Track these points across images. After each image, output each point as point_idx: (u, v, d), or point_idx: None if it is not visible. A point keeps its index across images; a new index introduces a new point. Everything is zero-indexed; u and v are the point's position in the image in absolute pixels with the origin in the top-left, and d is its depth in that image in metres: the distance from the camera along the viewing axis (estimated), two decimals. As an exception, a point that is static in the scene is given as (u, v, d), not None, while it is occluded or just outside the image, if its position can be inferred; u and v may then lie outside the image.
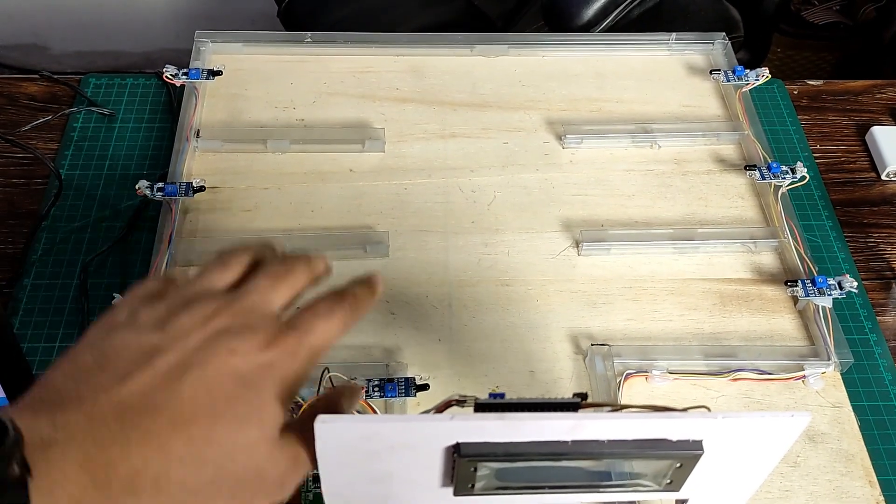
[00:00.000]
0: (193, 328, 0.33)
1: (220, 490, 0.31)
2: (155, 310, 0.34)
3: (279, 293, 0.36)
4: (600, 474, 0.35)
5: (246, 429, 0.31)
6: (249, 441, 0.31)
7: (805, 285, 0.57)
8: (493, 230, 0.61)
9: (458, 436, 0.32)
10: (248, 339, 0.33)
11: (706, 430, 0.33)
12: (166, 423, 0.30)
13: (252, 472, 0.32)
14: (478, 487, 0.34)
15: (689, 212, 0.63)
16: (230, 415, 0.31)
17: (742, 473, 0.36)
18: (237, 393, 0.31)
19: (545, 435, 0.32)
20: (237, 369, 0.32)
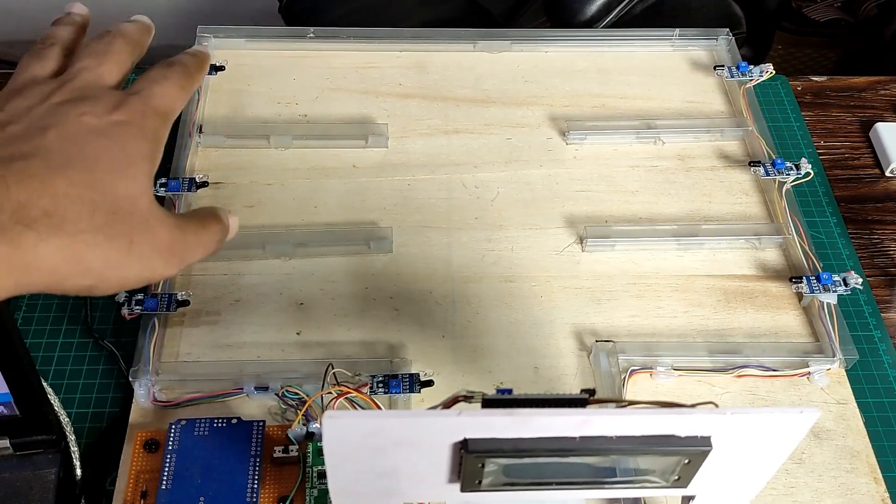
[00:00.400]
0: (33, 106, 0.34)
1: (117, 234, 0.32)
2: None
3: (108, 69, 0.38)
4: (608, 470, 0.35)
5: (123, 178, 0.33)
6: (129, 191, 0.33)
7: (810, 282, 0.57)
8: (497, 226, 0.61)
9: (466, 432, 0.32)
10: (94, 103, 0.35)
11: (715, 426, 0.33)
12: (41, 165, 0.31)
13: (142, 224, 0.33)
14: (485, 483, 0.34)
15: (693, 208, 0.63)
16: (103, 163, 0.32)
17: (750, 469, 0.36)
18: (102, 145, 0.33)
19: (553, 431, 0.32)
20: (95, 126, 0.33)
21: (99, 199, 0.32)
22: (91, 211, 0.31)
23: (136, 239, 0.33)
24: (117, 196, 0.32)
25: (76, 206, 0.31)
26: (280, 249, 0.58)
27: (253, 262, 0.58)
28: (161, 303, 0.54)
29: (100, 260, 0.32)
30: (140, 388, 0.51)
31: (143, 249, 0.33)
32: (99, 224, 0.31)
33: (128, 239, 0.33)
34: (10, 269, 0.29)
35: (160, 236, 0.34)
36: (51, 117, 0.33)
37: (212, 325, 0.55)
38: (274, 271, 0.58)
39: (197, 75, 0.41)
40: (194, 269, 0.58)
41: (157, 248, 0.34)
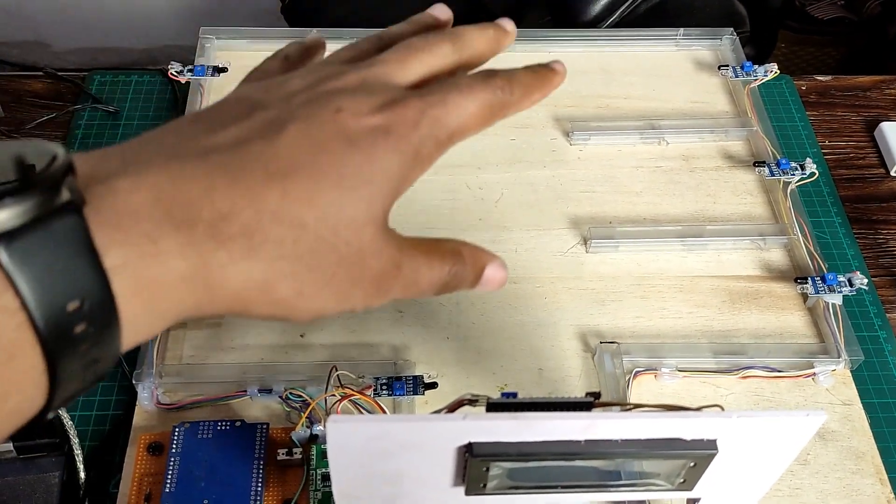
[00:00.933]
0: (302, 89, 0.29)
1: (320, 264, 0.27)
2: (268, 78, 0.32)
3: (410, 67, 0.31)
4: (612, 474, 0.35)
5: (352, 199, 0.27)
6: (356, 216, 0.27)
7: (815, 283, 0.56)
8: (501, 227, 0.61)
9: (471, 435, 0.32)
10: (360, 99, 0.28)
11: (720, 429, 0.32)
12: (259, 170, 0.25)
13: (354, 255, 0.27)
14: (490, 487, 0.34)
15: (698, 209, 0.63)
16: (335, 176, 0.26)
17: (755, 472, 0.36)
18: (344, 153, 0.27)
19: (558, 435, 0.32)
20: (345, 128, 0.27)
21: (312, 221, 0.26)
22: (298, 235, 0.26)
23: (339, 272, 0.27)
24: (337, 220, 0.27)
25: (282, 228, 0.26)
26: (283, 251, 0.58)
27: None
28: (164, 305, 0.54)
29: (292, 291, 0.27)
30: (143, 391, 0.51)
31: (343, 283, 0.28)
32: (302, 252, 0.26)
33: (330, 272, 0.27)
34: (192, 290, 0.25)
35: (369, 269, 0.28)
36: (303, 108, 0.28)
37: (215, 327, 0.55)
38: (277, 273, 0.58)
39: (523, 101, 0.32)
40: (197, 271, 0.58)
41: (361, 281, 0.28)
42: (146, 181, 0.24)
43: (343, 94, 0.28)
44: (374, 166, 0.27)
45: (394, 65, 0.31)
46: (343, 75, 0.30)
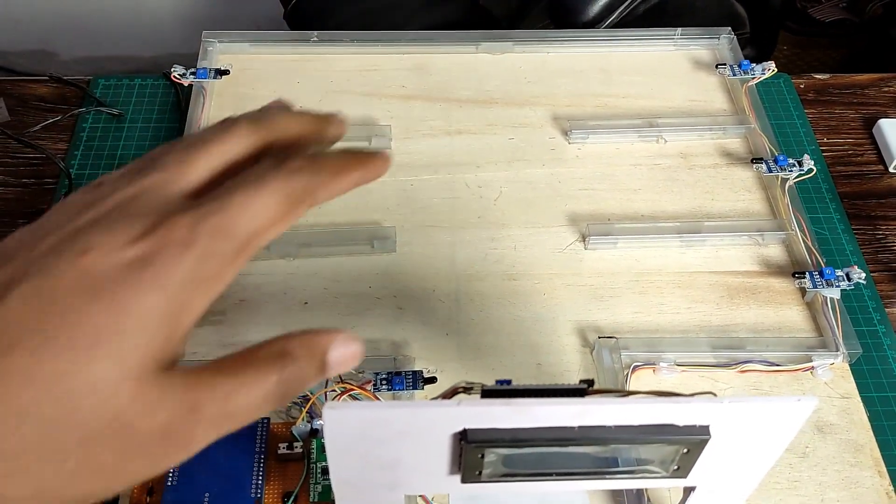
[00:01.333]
0: (53, 229, 0.24)
1: (56, 451, 0.22)
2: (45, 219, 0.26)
3: (193, 166, 0.26)
4: (607, 460, 0.35)
5: (91, 361, 0.22)
6: (101, 379, 0.22)
7: (813, 277, 0.57)
8: (500, 225, 0.62)
9: (466, 422, 0.32)
10: (116, 230, 0.24)
11: (712, 415, 0.33)
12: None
13: (110, 423, 0.22)
14: (485, 474, 0.35)
15: (696, 205, 0.63)
16: (64, 339, 0.22)
17: (749, 459, 0.36)
18: (82, 306, 0.22)
19: (552, 421, 0.33)
20: (89, 274, 0.23)
21: (31, 403, 0.21)
22: (16, 424, 0.21)
23: (90, 452, 0.22)
24: (70, 391, 0.22)
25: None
26: (284, 250, 0.59)
27: (257, 262, 0.59)
28: (167, 303, 0.54)
29: (29, 490, 0.22)
30: (146, 387, 0.51)
31: (104, 462, 0.23)
32: (28, 444, 0.21)
33: (77, 455, 0.22)
34: None
35: (140, 433, 0.23)
36: (43, 258, 0.23)
37: (217, 324, 0.56)
38: (278, 271, 0.59)
39: (334, 182, 0.27)
40: (200, 270, 0.58)
41: (132, 450, 0.23)
42: None
43: (96, 226, 0.24)
44: (121, 314, 0.22)
45: (172, 168, 0.25)
46: (103, 200, 0.25)
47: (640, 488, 0.48)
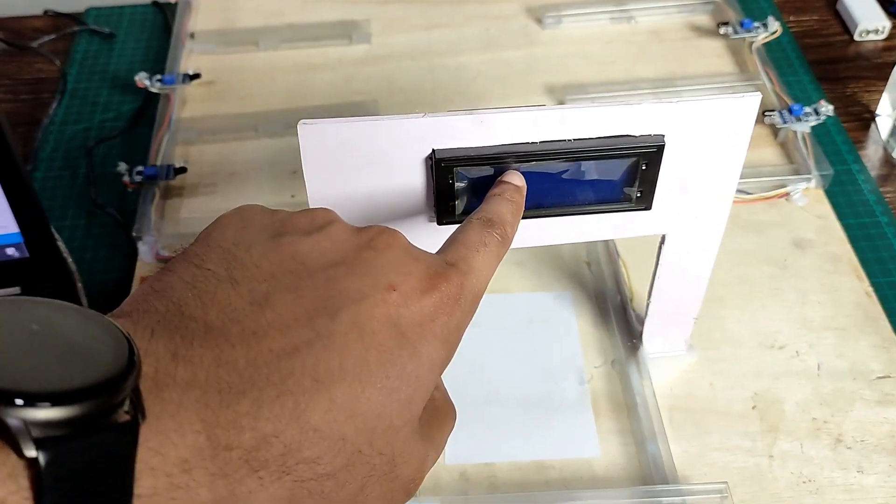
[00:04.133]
0: (345, 247, 0.25)
1: (350, 480, 0.23)
2: (304, 216, 0.27)
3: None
4: (573, 190, 0.36)
5: (392, 403, 0.23)
6: (393, 422, 0.23)
7: (782, 114, 0.59)
8: (479, 99, 0.64)
9: (433, 142, 0.34)
10: (409, 269, 0.25)
11: (665, 120, 0.34)
12: (307, 378, 0.22)
13: (386, 465, 0.24)
14: (458, 208, 0.36)
15: (669, 71, 0.65)
16: (381, 377, 0.23)
17: (709, 192, 0.37)
18: (392, 349, 0.23)
19: (515, 136, 0.34)
20: (396, 313, 0.24)
21: (352, 434, 0.22)
22: (336, 451, 0.22)
23: (368, 486, 0.24)
24: (375, 428, 0.23)
25: (322, 445, 0.22)
26: (272, 130, 0.61)
27: (246, 142, 0.61)
28: (160, 171, 0.56)
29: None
30: (143, 245, 0.53)
31: (375, 494, 0.24)
32: (336, 468, 0.22)
33: (358, 486, 0.23)
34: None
35: (399, 478, 0.25)
36: (350, 279, 0.24)
37: (209, 195, 0.58)
38: (267, 149, 0.61)
39: (515, 230, 0.32)
40: (190, 152, 0.61)
41: (390, 493, 0.25)
42: (194, 393, 0.21)
43: (390, 260, 0.25)
44: (420, 361, 0.24)
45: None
46: (380, 235, 0.26)
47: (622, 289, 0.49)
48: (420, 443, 0.25)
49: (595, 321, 0.50)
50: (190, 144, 0.61)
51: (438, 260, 0.27)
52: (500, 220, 0.31)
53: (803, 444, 0.44)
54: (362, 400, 0.22)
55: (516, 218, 0.33)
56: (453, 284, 0.26)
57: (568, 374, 0.47)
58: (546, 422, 0.46)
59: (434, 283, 0.25)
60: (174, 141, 0.60)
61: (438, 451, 0.27)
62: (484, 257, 0.28)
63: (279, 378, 0.22)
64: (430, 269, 0.25)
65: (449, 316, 0.25)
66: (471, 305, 0.27)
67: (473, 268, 0.27)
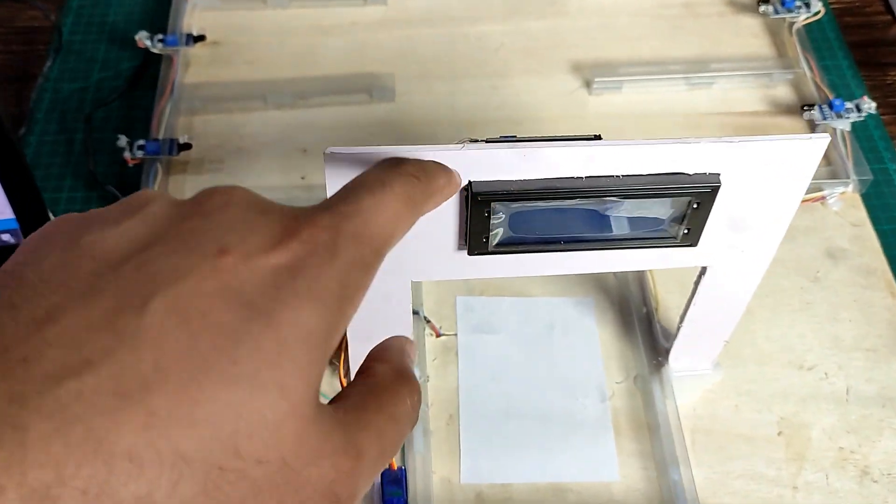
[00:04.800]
0: (164, 226, 0.20)
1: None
2: (117, 206, 0.21)
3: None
4: (617, 222, 0.34)
5: (256, 390, 0.17)
6: (265, 417, 0.17)
7: (822, 109, 0.55)
8: (501, 74, 0.60)
9: (470, 173, 0.31)
10: (252, 229, 0.19)
11: (723, 159, 0.32)
12: (106, 393, 0.16)
13: (278, 475, 0.18)
14: (492, 241, 0.34)
15: (702, 51, 0.61)
16: (224, 366, 0.17)
17: (761, 222, 0.35)
18: (235, 323, 0.18)
19: (559, 169, 0.31)
20: (232, 285, 0.18)
21: (194, 448, 0.17)
22: (176, 476, 0.16)
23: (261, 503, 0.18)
24: (235, 432, 0.17)
25: (145, 476, 0.16)
26: (281, 100, 0.58)
27: (254, 113, 0.58)
28: (163, 147, 0.53)
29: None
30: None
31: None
32: (187, 497, 0.17)
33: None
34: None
35: (310, 482, 0.19)
36: (169, 258, 0.18)
37: (215, 171, 0.55)
38: (276, 122, 0.57)
39: (442, 188, 0.27)
40: (194, 123, 0.57)
41: (306, 501, 0.19)
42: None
43: (222, 226, 0.19)
44: (282, 331, 0.18)
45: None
46: (210, 198, 0.21)
47: (647, 300, 0.47)
48: (332, 434, 0.19)
49: (618, 332, 0.48)
50: (194, 114, 0.57)
51: (300, 209, 0.21)
52: (420, 165, 0.26)
53: (829, 476, 0.43)
54: (201, 401, 0.17)
55: (447, 186, 0.27)
56: (321, 229, 0.20)
57: (589, 389, 0.46)
58: (566, 441, 0.44)
59: (289, 233, 0.19)
60: (177, 110, 0.57)
61: (386, 442, 0.21)
62: (381, 198, 0.22)
63: (57, 407, 0.16)
64: (285, 220, 0.20)
65: (318, 269, 0.19)
66: (357, 253, 0.20)
67: (361, 209, 0.21)
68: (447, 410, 0.45)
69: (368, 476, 0.20)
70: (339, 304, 0.20)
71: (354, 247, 0.20)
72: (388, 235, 0.22)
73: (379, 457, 0.20)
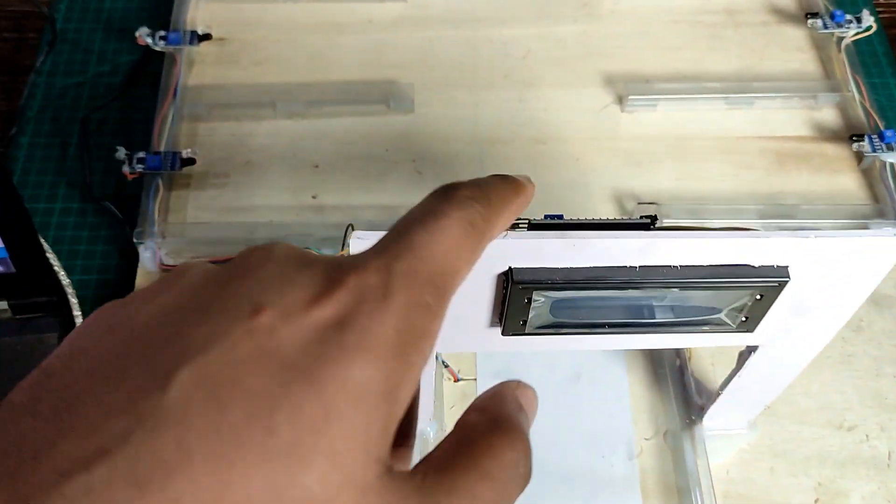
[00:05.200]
0: (206, 282, 0.18)
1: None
2: (159, 281, 0.19)
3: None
4: (667, 309, 0.31)
5: (301, 465, 0.15)
6: (314, 491, 0.15)
7: (872, 140, 0.52)
8: (528, 85, 0.56)
9: (511, 259, 0.28)
10: (292, 282, 0.17)
11: (795, 253, 0.28)
12: (121, 483, 0.14)
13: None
14: (530, 324, 0.30)
15: (743, 66, 0.57)
16: (260, 438, 0.15)
17: (824, 312, 0.32)
18: (274, 389, 0.16)
19: (609, 259, 0.28)
20: (268, 348, 0.16)
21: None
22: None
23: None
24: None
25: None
26: (292, 108, 0.54)
27: (262, 122, 0.54)
28: (165, 161, 0.49)
29: None
30: (146, 252, 0.47)
31: None
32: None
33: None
34: None
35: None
36: (198, 327, 0.16)
37: (220, 187, 0.51)
38: (286, 132, 0.53)
39: (504, 215, 0.22)
40: (199, 130, 0.53)
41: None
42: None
43: (262, 278, 0.18)
44: (328, 392, 0.16)
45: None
46: (247, 258, 0.18)
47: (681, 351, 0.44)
48: (410, 497, 0.17)
49: (648, 382, 0.45)
50: (198, 121, 0.54)
51: (344, 257, 0.19)
52: (476, 185, 0.22)
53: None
54: (232, 482, 0.15)
55: (515, 200, 0.23)
56: (370, 273, 0.17)
57: (616, 445, 0.43)
58: (590, 502, 0.42)
59: (334, 283, 0.17)
60: (180, 116, 0.53)
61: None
62: (435, 229, 0.19)
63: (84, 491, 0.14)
64: (329, 269, 0.18)
65: (369, 317, 0.17)
66: (415, 294, 0.18)
67: (413, 245, 0.19)
68: (465, 464, 0.42)
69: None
70: (399, 354, 0.17)
71: (410, 287, 0.18)
72: (451, 271, 0.19)
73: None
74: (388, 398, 0.16)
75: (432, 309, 0.18)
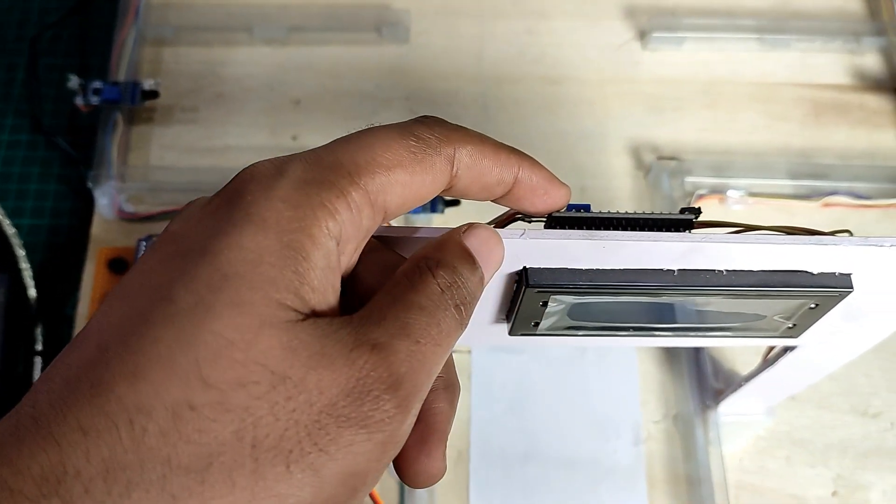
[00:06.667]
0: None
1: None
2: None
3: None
4: (703, 313, 0.26)
5: (210, 318, 0.17)
6: (224, 337, 0.17)
7: (921, 93, 0.46)
8: (539, 15, 0.50)
9: (525, 259, 0.23)
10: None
11: (861, 261, 0.24)
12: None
13: (268, 392, 0.17)
14: (543, 326, 0.26)
15: (779, 3, 0.51)
16: (163, 314, 0.17)
17: (878, 319, 0.28)
18: (173, 272, 0.18)
19: (645, 262, 0.23)
20: (168, 239, 0.19)
21: (151, 394, 0.16)
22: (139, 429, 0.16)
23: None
24: (195, 360, 0.16)
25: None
26: (271, 33, 0.47)
27: (238, 48, 0.48)
28: (124, 92, 0.44)
29: None
30: (102, 198, 0.42)
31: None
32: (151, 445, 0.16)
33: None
34: None
35: (326, 392, 0.17)
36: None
37: (188, 123, 0.45)
38: (264, 61, 0.47)
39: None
40: (163, 56, 0.47)
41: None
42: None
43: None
44: (228, 260, 0.17)
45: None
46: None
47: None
48: (338, 335, 0.18)
49: (659, 359, 0.41)
50: (163, 45, 0.47)
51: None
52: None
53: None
54: (146, 347, 0.16)
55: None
56: (266, 161, 0.19)
57: (622, 428, 0.40)
58: (592, 490, 0.38)
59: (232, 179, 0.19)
60: (142, 39, 0.47)
61: (418, 333, 0.18)
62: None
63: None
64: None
65: (254, 194, 0.18)
66: (314, 172, 0.19)
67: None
68: (455, 446, 0.39)
69: (412, 370, 0.18)
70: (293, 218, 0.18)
71: (305, 160, 0.19)
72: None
73: (414, 348, 0.18)
74: (288, 255, 0.18)
75: (324, 182, 0.19)
